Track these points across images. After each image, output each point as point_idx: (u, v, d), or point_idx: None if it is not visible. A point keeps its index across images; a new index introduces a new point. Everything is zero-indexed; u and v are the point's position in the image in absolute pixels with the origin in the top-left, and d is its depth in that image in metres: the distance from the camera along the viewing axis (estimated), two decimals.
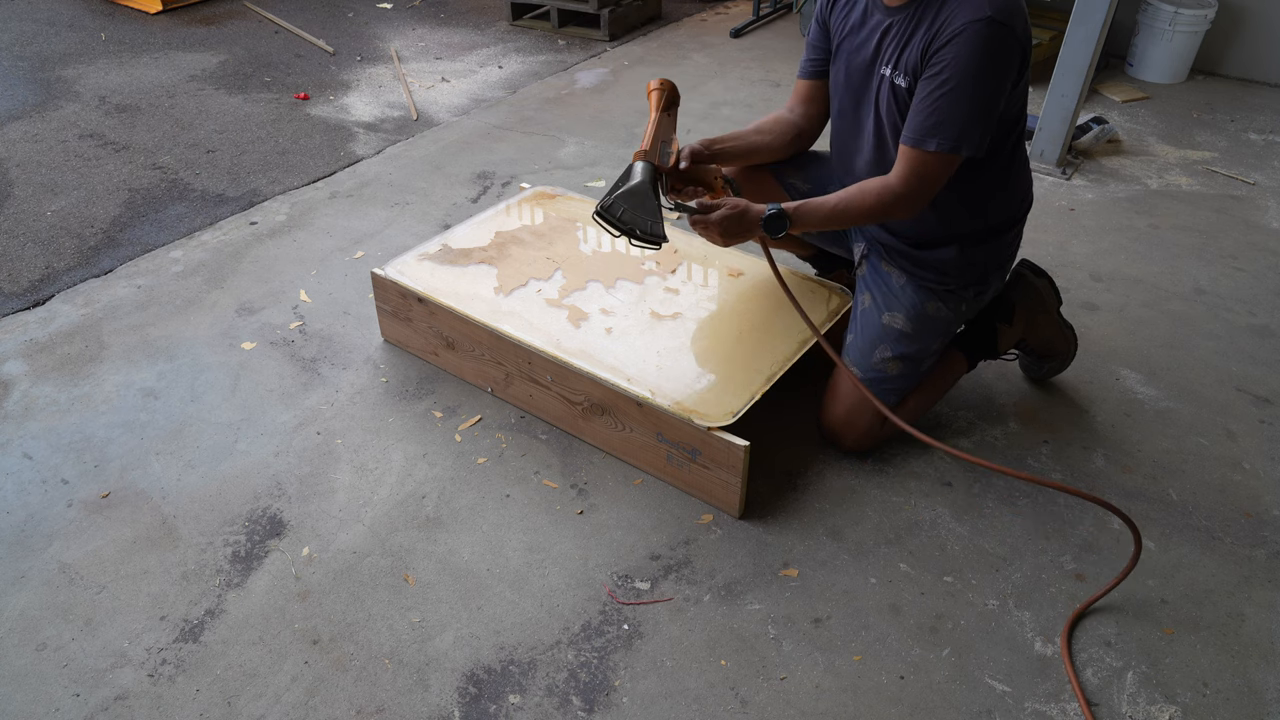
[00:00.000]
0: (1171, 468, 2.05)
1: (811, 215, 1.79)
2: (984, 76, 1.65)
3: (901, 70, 1.75)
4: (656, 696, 1.57)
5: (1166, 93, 4.10)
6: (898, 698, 1.57)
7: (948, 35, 1.65)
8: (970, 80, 1.65)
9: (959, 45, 1.64)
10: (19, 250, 2.82)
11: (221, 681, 1.59)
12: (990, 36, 1.62)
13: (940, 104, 1.67)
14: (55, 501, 1.94)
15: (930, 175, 1.73)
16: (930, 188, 1.74)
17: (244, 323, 2.49)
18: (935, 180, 1.74)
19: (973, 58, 1.63)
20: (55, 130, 3.60)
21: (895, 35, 1.76)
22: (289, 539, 1.86)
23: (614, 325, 2.10)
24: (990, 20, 1.61)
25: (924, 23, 1.70)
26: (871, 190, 1.77)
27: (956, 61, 1.64)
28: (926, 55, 1.69)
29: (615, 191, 1.70)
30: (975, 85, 1.65)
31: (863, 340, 1.98)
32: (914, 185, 1.74)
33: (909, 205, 1.76)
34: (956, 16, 1.64)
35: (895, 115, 1.80)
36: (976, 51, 1.63)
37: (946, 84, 1.66)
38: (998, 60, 1.65)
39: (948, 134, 1.68)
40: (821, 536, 1.87)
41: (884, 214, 1.78)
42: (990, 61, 1.64)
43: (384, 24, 4.89)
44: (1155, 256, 2.85)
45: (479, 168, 3.34)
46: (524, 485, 1.99)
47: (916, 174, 1.73)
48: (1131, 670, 1.62)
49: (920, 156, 1.71)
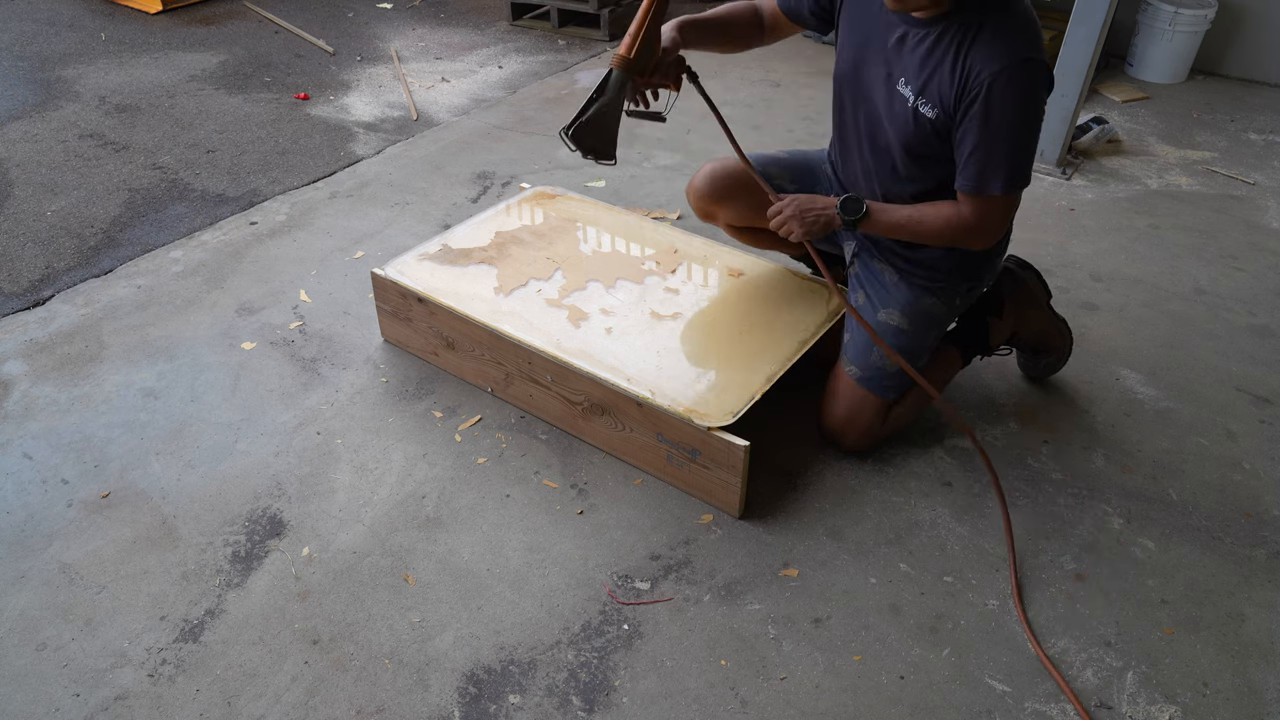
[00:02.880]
0: (1171, 468, 2.05)
1: (887, 215, 1.82)
2: (1031, 115, 1.68)
3: (929, 101, 1.72)
4: (656, 696, 1.57)
5: (1166, 93, 4.10)
6: (898, 698, 1.57)
7: (988, 77, 1.63)
8: (1021, 124, 1.67)
9: (1002, 92, 1.63)
10: (19, 250, 2.82)
11: (221, 681, 1.59)
12: (1032, 76, 1.64)
13: (993, 150, 1.69)
14: (55, 501, 1.94)
15: (998, 214, 1.77)
16: (1000, 224, 1.79)
17: (244, 323, 2.49)
18: (1004, 217, 1.79)
19: (1017, 102, 1.65)
20: (55, 130, 3.60)
21: (917, 53, 1.71)
22: (289, 539, 1.86)
23: (614, 325, 2.11)
24: (1029, 61, 1.63)
25: (952, 52, 1.66)
26: (943, 216, 1.79)
27: (1002, 108, 1.65)
28: (964, 95, 1.67)
29: (586, 112, 1.79)
30: (1025, 127, 1.68)
31: (860, 338, 1.99)
32: (985, 223, 1.78)
33: (982, 238, 1.81)
34: (993, 57, 1.62)
35: (913, 138, 1.78)
36: (1020, 95, 1.64)
37: (996, 130, 1.66)
38: (1040, 95, 1.68)
39: (1006, 176, 1.71)
40: (821, 536, 1.87)
41: (955, 242, 1.82)
42: (1034, 100, 1.67)
43: (384, 24, 4.89)
44: (1155, 256, 2.85)
45: (479, 168, 3.34)
46: (524, 485, 1.99)
47: (984, 214, 1.77)
48: (1131, 670, 1.62)
49: (984, 201, 1.75)
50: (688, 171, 3.32)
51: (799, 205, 1.85)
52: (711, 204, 2.19)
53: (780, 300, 2.19)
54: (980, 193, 1.73)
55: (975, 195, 1.74)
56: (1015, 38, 1.63)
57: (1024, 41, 1.63)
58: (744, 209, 2.18)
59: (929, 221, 1.80)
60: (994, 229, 1.79)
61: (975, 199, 1.75)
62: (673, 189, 3.21)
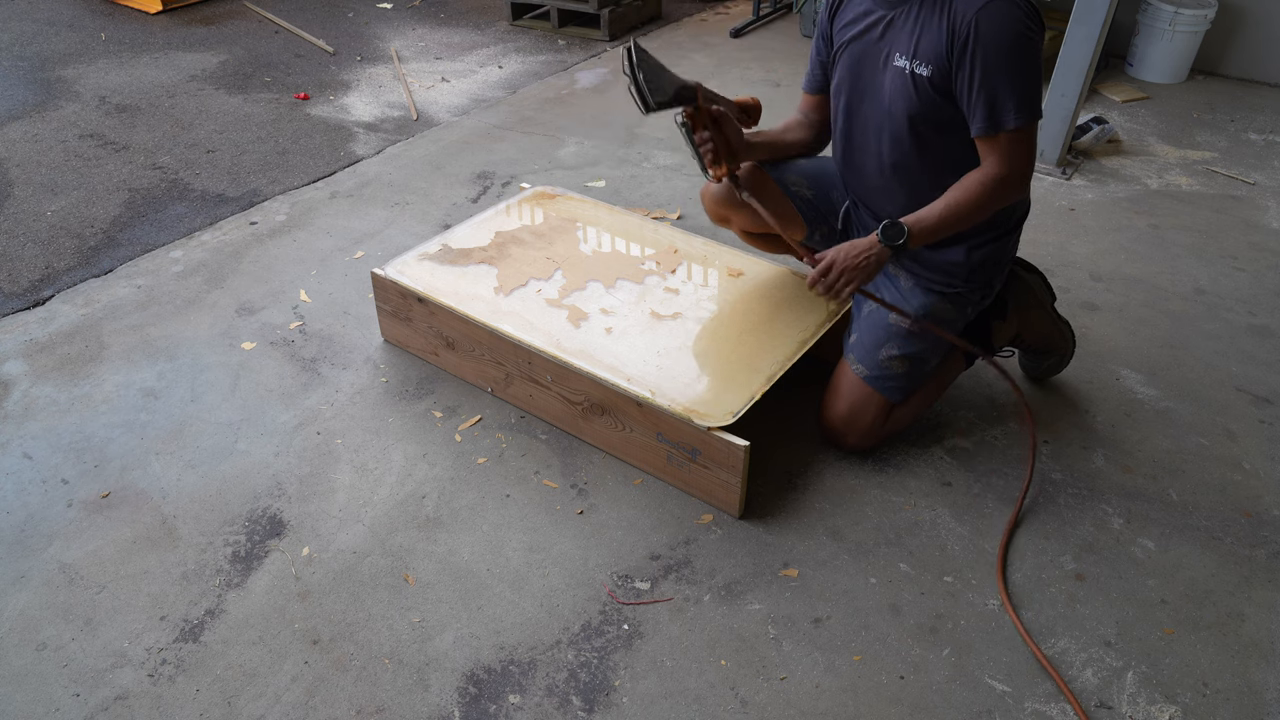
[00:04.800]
0: (1171, 468, 2.05)
1: (925, 222, 1.80)
2: (1024, 44, 1.70)
3: (922, 60, 1.76)
4: (656, 696, 1.57)
5: (1166, 93, 4.10)
6: (898, 698, 1.57)
7: (972, 16, 1.68)
8: (1016, 52, 1.69)
9: (987, 26, 1.68)
10: (19, 250, 2.82)
11: (221, 681, 1.59)
12: (1010, 8, 1.67)
13: (997, 85, 1.70)
14: (55, 501, 1.93)
15: (1021, 150, 1.76)
16: (1027, 162, 1.79)
17: (244, 323, 2.49)
18: (1028, 153, 1.78)
19: (1004, 32, 1.68)
20: (55, 130, 3.60)
21: (905, 26, 1.78)
22: (289, 539, 1.86)
23: (614, 325, 2.10)
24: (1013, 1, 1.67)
25: (937, 10, 1.73)
26: (974, 184, 1.79)
27: (992, 41, 1.68)
28: (954, 44, 1.72)
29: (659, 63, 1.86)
30: (1021, 56, 1.70)
31: (868, 339, 1.98)
32: (1012, 164, 1.77)
33: (1016, 184, 1.80)
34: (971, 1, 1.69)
35: (916, 105, 1.81)
36: (1005, 26, 1.67)
37: (991, 65, 1.69)
38: (1029, 25, 1.69)
39: (1016, 105, 1.71)
40: (821, 536, 1.87)
41: (996, 201, 1.80)
42: (1022, 29, 1.69)
43: (384, 24, 4.89)
44: (1155, 256, 2.85)
45: (479, 168, 3.34)
46: (524, 485, 1.99)
47: (1007, 154, 1.76)
48: (1131, 670, 1.62)
49: (1004, 139, 1.75)
50: (688, 171, 3.32)
51: (843, 257, 1.81)
52: (727, 208, 2.20)
53: (780, 300, 2.19)
54: (997, 130, 1.73)
55: (992, 136, 1.75)
56: None
57: None
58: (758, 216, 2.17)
59: (965, 198, 1.79)
60: (1023, 167, 1.78)
61: (993, 141, 1.75)
62: (673, 189, 3.21)
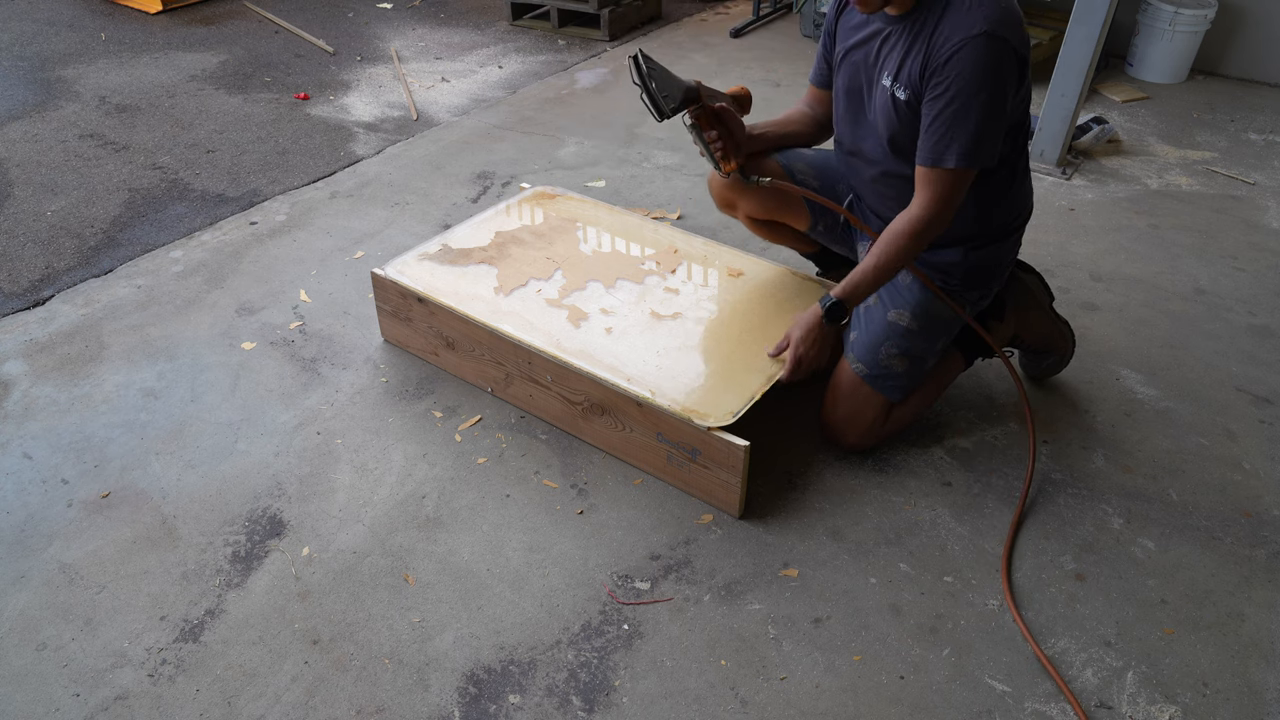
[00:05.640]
0: (1171, 468, 2.05)
1: (861, 287, 1.85)
2: (987, 89, 1.68)
3: (901, 84, 1.77)
4: (656, 696, 1.57)
5: (1166, 93, 4.10)
6: (898, 698, 1.57)
7: (946, 52, 1.68)
8: (974, 95, 1.67)
9: (959, 62, 1.67)
10: (19, 250, 2.82)
11: (221, 681, 1.59)
12: (988, 50, 1.65)
13: (950, 121, 1.70)
14: (55, 501, 1.93)
15: (951, 192, 1.76)
16: (953, 204, 1.78)
17: (244, 323, 2.49)
18: (957, 196, 1.77)
19: (974, 73, 1.66)
20: (55, 130, 3.60)
21: (897, 45, 1.78)
22: (289, 539, 1.86)
23: (614, 325, 2.10)
24: (987, 35, 1.64)
25: (921, 36, 1.73)
26: (901, 231, 1.80)
27: (959, 78, 1.67)
28: (926, 73, 1.72)
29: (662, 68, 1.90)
30: (979, 99, 1.68)
31: (868, 337, 1.99)
32: (939, 206, 1.77)
33: (939, 227, 1.80)
34: (954, 32, 1.67)
35: (896, 126, 1.82)
36: (977, 66, 1.66)
37: (953, 101, 1.69)
38: (998, 72, 1.67)
39: (962, 149, 1.71)
40: (821, 536, 1.87)
41: (920, 245, 1.81)
42: (991, 75, 1.67)
43: (384, 24, 4.89)
44: (1155, 256, 2.85)
45: (479, 168, 3.34)
46: (524, 485, 1.99)
47: (938, 194, 1.76)
48: (1131, 670, 1.62)
49: (939, 175, 1.74)
50: (688, 171, 3.32)
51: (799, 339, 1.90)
52: (734, 193, 2.22)
53: (780, 300, 2.19)
54: (936, 164, 1.73)
55: (930, 168, 1.75)
56: (976, 12, 1.66)
57: (985, 16, 1.65)
58: (768, 201, 2.19)
59: (890, 250, 1.81)
60: (948, 211, 1.78)
61: (929, 174, 1.76)
62: (672, 189, 3.21)
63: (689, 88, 1.90)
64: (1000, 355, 2.02)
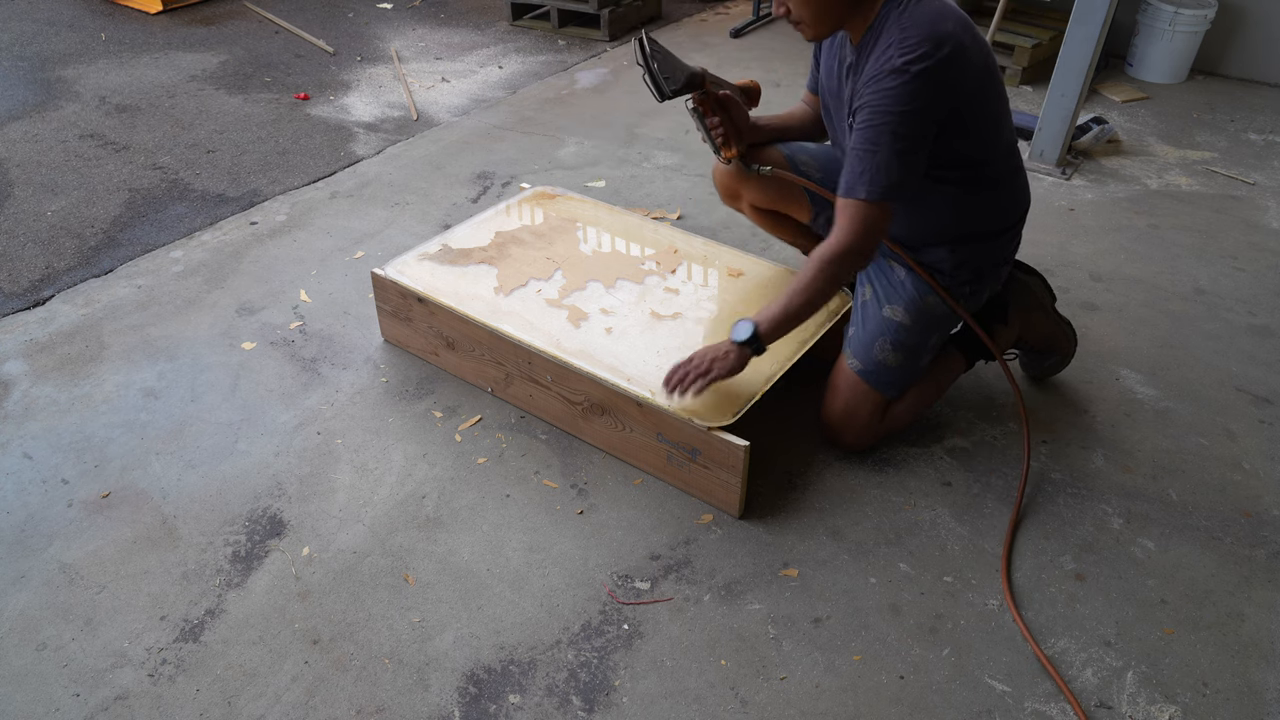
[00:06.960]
0: (1171, 468, 2.05)
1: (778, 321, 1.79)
2: (897, 124, 1.66)
3: (854, 113, 1.76)
4: (656, 696, 1.57)
5: (1166, 93, 4.10)
6: (898, 698, 1.57)
7: (864, 83, 1.69)
8: (885, 129, 1.67)
9: (873, 95, 1.67)
10: (19, 250, 2.82)
11: (221, 681, 1.59)
12: (898, 85, 1.64)
13: (860, 155, 1.70)
14: (55, 501, 1.94)
15: (868, 224, 1.73)
16: (872, 235, 1.74)
17: (244, 323, 2.49)
18: (874, 227, 1.74)
19: (885, 106, 1.66)
20: (55, 130, 3.60)
21: (859, 74, 1.76)
22: (289, 539, 1.86)
23: (614, 325, 2.11)
24: (895, 71, 1.64)
25: (860, 67, 1.73)
26: (813, 267, 1.76)
27: (872, 113, 1.68)
28: (852, 103, 1.73)
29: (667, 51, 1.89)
30: (886, 135, 1.67)
31: (864, 333, 1.99)
32: (856, 237, 1.74)
33: (857, 257, 1.76)
34: (872, 66, 1.68)
35: None
36: (887, 100, 1.66)
37: (866, 135, 1.69)
38: (912, 103, 1.65)
39: (870, 183, 1.70)
40: (821, 536, 1.87)
41: (839, 278, 1.77)
42: (902, 108, 1.65)
43: (384, 24, 4.89)
44: (1155, 256, 2.85)
45: (479, 168, 3.34)
46: (524, 485, 1.99)
47: (854, 226, 1.73)
48: (1131, 670, 1.62)
49: (853, 207, 1.73)
50: (688, 171, 3.32)
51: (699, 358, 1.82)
52: (738, 183, 2.23)
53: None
54: (849, 195, 1.73)
55: (844, 199, 1.74)
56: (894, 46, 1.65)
57: (901, 48, 1.63)
58: (770, 191, 2.20)
59: (804, 283, 1.77)
60: (867, 242, 1.74)
61: (845, 204, 1.74)
62: (672, 189, 3.21)
63: (693, 73, 1.91)
64: (1000, 361, 2.02)
